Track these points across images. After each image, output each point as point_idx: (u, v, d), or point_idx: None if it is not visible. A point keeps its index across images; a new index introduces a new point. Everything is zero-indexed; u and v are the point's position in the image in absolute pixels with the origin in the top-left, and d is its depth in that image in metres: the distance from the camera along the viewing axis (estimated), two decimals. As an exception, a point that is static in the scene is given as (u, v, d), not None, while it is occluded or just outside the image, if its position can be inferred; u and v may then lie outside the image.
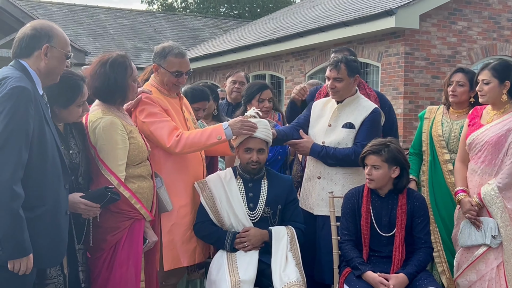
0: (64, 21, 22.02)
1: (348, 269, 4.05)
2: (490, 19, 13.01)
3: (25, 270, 2.84)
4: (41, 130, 2.96)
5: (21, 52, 3.08)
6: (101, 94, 3.77)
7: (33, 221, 2.88)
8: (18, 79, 2.90)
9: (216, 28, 25.80)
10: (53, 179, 3.03)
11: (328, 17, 14.73)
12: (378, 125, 4.53)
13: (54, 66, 3.12)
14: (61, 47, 3.13)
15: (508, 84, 4.10)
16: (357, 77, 4.49)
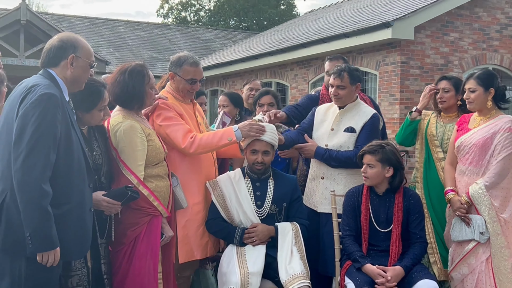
0: (86, 33, 22.08)
1: (348, 262, 4.05)
2: (480, 30, 12.99)
3: (52, 262, 2.86)
4: (67, 134, 2.97)
5: (49, 61, 3.10)
6: (121, 100, 3.78)
7: (60, 217, 2.89)
8: (46, 87, 2.93)
9: (226, 39, 25.84)
10: (79, 179, 3.05)
11: (329, 29, 14.73)
12: (377, 129, 4.55)
13: (79, 75, 3.14)
14: (85, 57, 3.15)
15: (493, 91, 4.11)
16: (359, 85, 4.49)
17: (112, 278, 3.67)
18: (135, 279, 3.65)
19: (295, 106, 4.92)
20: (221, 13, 39.60)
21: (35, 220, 2.77)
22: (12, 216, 2.83)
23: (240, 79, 17.39)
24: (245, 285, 3.85)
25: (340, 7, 19.52)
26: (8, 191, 2.83)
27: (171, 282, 3.91)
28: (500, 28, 13.23)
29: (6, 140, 2.90)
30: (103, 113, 3.57)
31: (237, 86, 17.13)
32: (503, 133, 4.02)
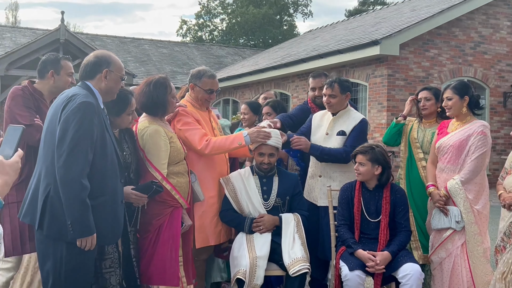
0: (116, 50, 22.18)
1: (343, 248, 4.04)
2: (456, 47, 12.97)
3: (90, 246, 2.89)
4: (102, 136, 2.99)
5: (86, 75, 3.12)
6: (147, 108, 3.79)
7: (96, 207, 2.92)
8: (85, 96, 2.96)
9: (236, 56, 25.88)
10: (112, 175, 3.07)
11: (326, 46, 14.74)
12: (364, 132, 4.53)
13: (112, 86, 3.16)
14: (117, 71, 3.17)
15: (467, 98, 4.12)
16: (348, 94, 4.47)
17: (140, 261, 3.68)
18: (159, 262, 3.66)
19: (288, 115, 4.87)
20: (232, 33, 39.68)
21: (76, 210, 2.81)
22: (56, 207, 2.86)
23: (248, 90, 17.41)
24: (254, 267, 3.85)
25: (335, 27, 19.53)
26: (52, 185, 2.85)
27: (189, 264, 3.91)
28: (474, 45, 13.21)
29: (50, 142, 2.93)
30: (131, 117, 3.59)
31: (246, 95, 17.15)
32: (476, 136, 4.03)
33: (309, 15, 42.28)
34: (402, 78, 12.16)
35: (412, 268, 3.77)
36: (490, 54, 13.36)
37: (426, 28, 12.31)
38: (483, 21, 13.28)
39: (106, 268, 3.38)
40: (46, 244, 2.94)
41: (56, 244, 2.90)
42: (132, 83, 15.77)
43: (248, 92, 17.45)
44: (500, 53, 13.50)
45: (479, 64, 13.19)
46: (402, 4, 17.69)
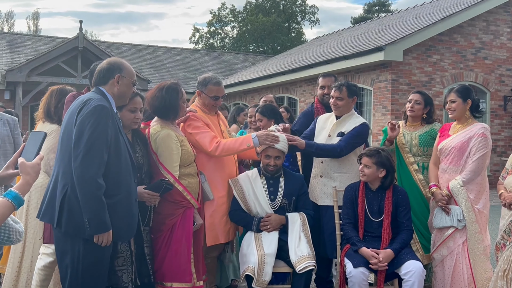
0: (132, 57, 22.30)
1: (347, 246, 4.04)
2: (458, 53, 12.91)
3: (106, 242, 2.91)
4: (116, 138, 3.01)
5: (99, 80, 3.15)
6: (159, 112, 3.80)
7: (112, 205, 2.94)
8: (99, 100, 2.98)
9: (246, 62, 25.91)
10: (126, 174, 3.08)
11: (332, 52, 14.72)
12: (362, 133, 4.41)
13: (124, 91, 3.17)
14: (129, 76, 3.18)
15: (470, 102, 4.10)
16: (355, 98, 4.46)
17: (154, 259, 3.69)
18: (172, 260, 3.67)
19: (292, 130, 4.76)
20: (242, 40, 39.74)
21: (92, 208, 2.82)
22: (73, 205, 2.87)
23: (258, 94, 17.43)
24: (262, 264, 3.86)
25: (340, 34, 19.50)
26: (69, 185, 2.87)
27: (200, 262, 3.92)
28: (474, 51, 13.14)
29: (66, 144, 2.95)
30: (134, 115, 3.57)
31: (255, 100, 17.18)
32: (477, 138, 4.02)
33: (316, 22, 42.28)
34: (405, 82, 12.12)
35: (415, 265, 3.76)
36: (491, 59, 13.28)
37: (428, 34, 12.26)
38: (484, 27, 13.21)
39: (118, 266, 3.39)
40: (64, 241, 2.96)
41: (74, 241, 2.92)
42: (147, 88, 15.83)
43: (258, 96, 17.47)
44: (500, 58, 13.42)
45: (480, 69, 13.11)
46: (405, 12, 17.63)
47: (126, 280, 3.39)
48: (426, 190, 4.34)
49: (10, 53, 19.81)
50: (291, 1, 40.87)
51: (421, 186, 4.38)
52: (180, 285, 3.67)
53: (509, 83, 13.52)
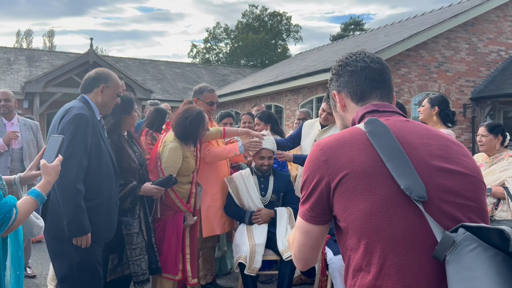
0: (137, 70, 22.20)
1: (328, 236, 4.03)
2: (423, 66, 13.00)
3: (85, 244, 2.76)
4: (97, 144, 2.85)
5: (85, 88, 2.98)
6: (180, 137, 3.71)
7: (92, 208, 2.79)
8: (79, 108, 2.81)
9: (238, 74, 25.91)
10: (107, 179, 2.92)
11: (313, 66, 14.76)
12: None
13: (107, 101, 2.98)
14: (113, 88, 3.00)
15: (437, 109, 4.08)
16: None
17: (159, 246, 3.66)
18: (164, 254, 3.63)
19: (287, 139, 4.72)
20: (235, 55, 39.74)
21: (71, 212, 2.66)
22: (55, 208, 2.73)
23: (248, 103, 17.42)
24: (253, 253, 3.85)
25: (321, 50, 19.56)
26: (52, 190, 2.71)
27: (195, 262, 3.87)
28: (438, 64, 13.24)
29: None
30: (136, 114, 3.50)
31: (246, 108, 17.17)
32: None
33: (300, 39, 42.38)
34: (377, 92, 12.19)
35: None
36: (452, 72, 13.39)
37: (397, 50, 12.34)
38: (446, 44, 13.32)
39: (136, 256, 3.34)
40: (50, 242, 2.81)
41: (60, 243, 2.76)
42: (150, 97, 15.75)
43: (248, 105, 17.45)
44: (460, 71, 13.54)
45: (442, 80, 13.21)
46: (377, 31, 17.73)
47: (144, 267, 3.37)
48: None
49: (29, 67, 19.65)
50: (277, 21, 40.94)
51: None
52: (168, 276, 3.64)
53: (467, 92, 13.65)
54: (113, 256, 3.37)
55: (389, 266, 1.20)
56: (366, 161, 1.26)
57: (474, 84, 13.82)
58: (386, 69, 1.48)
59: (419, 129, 1.36)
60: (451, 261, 1.12)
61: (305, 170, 1.36)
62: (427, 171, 1.26)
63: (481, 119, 13.45)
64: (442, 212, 1.22)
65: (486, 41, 13.78)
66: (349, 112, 1.48)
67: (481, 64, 13.76)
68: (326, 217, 1.35)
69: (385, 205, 1.22)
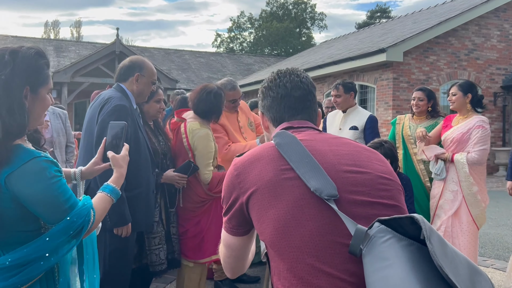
0: (162, 60, 22.35)
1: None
2: (452, 54, 12.71)
3: (126, 234, 2.77)
4: (135, 134, 2.85)
5: (120, 77, 2.96)
6: (205, 114, 3.59)
7: (132, 198, 2.79)
8: (119, 99, 2.80)
9: (262, 63, 25.82)
10: (145, 168, 2.92)
11: (339, 54, 14.59)
12: (376, 127, 4.47)
13: (142, 89, 2.96)
14: (148, 76, 2.97)
15: (470, 96, 3.99)
16: (352, 93, 4.47)
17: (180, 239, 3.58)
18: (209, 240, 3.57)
19: None
20: (259, 44, 39.61)
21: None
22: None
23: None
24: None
25: (346, 38, 19.32)
26: (92, 179, 2.67)
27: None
28: (467, 52, 12.93)
29: (89, 140, 2.81)
30: (159, 106, 3.41)
31: (271, 97, 17.16)
32: (477, 129, 3.88)
33: (324, 27, 41.93)
34: (405, 81, 11.97)
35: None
36: (482, 59, 13.05)
37: (426, 37, 12.08)
38: (476, 31, 12.98)
39: (155, 245, 3.31)
40: None
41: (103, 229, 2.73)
42: (175, 87, 15.85)
43: (273, 94, 17.43)
44: (490, 58, 13.19)
45: (472, 69, 12.90)
46: (405, 18, 17.38)
47: (163, 257, 3.34)
48: (426, 179, 4.26)
49: (57, 57, 19.98)
50: (302, 9, 40.56)
51: (422, 175, 4.28)
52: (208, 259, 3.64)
53: (498, 80, 13.29)
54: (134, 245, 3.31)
55: (299, 269, 1.20)
56: (272, 170, 1.29)
57: (505, 72, 13.45)
58: (308, 95, 1.50)
59: (329, 138, 1.40)
60: (366, 254, 1.13)
61: (224, 185, 1.41)
62: (336, 173, 1.28)
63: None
64: (355, 211, 1.23)
65: (518, 27, 13.37)
66: (271, 132, 1.52)
67: (513, 51, 13.38)
68: (242, 229, 1.40)
69: (291, 209, 1.23)
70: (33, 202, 1.52)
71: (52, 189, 1.53)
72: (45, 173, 1.53)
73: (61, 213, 1.56)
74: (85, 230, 1.63)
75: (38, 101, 1.62)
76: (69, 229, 1.57)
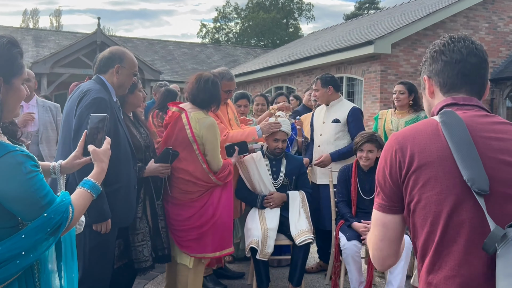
0: (145, 51, 22.15)
1: (342, 221, 4.03)
2: (440, 46, 12.80)
3: (105, 230, 2.75)
4: (115, 128, 2.81)
5: (100, 69, 2.92)
6: (204, 103, 3.55)
7: (111, 193, 2.77)
8: (98, 91, 2.76)
9: (248, 55, 25.75)
10: (125, 163, 2.89)
11: (326, 45, 14.61)
12: (359, 119, 4.49)
13: (123, 81, 2.93)
14: (129, 67, 2.94)
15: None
16: (330, 87, 4.52)
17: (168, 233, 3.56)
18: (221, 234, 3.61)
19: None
20: (245, 34, 39.47)
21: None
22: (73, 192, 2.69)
23: (259, 85, 17.35)
24: (265, 237, 3.86)
25: (334, 29, 19.34)
26: (70, 174, 2.61)
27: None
28: (456, 44, 13.03)
29: (67, 134, 2.77)
30: (142, 94, 3.40)
31: (257, 89, 17.11)
32: None
33: (312, 18, 41.94)
34: (393, 73, 12.04)
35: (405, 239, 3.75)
36: (470, 52, 13.19)
37: (414, 29, 12.15)
38: (464, 23, 13.10)
39: (139, 242, 3.28)
40: None
41: None
42: (159, 79, 15.74)
43: (259, 86, 17.38)
44: (479, 51, 13.34)
45: (460, 61, 13.04)
46: (393, 9, 17.46)
47: (146, 254, 3.29)
48: None
49: (36, 47, 19.69)
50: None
51: None
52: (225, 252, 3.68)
53: (486, 73, 13.47)
54: (119, 242, 3.28)
55: (446, 255, 1.26)
56: (435, 151, 1.30)
57: (493, 65, 13.60)
58: (483, 63, 1.45)
59: (495, 124, 1.36)
60: (501, 255, 1.14)
61: (381, 159, 1.43)
62: (495, 165, 1.27)
63: (500, 101, 13.28)
64: (504, 208, 1.23)
65: (507, 20, 13.53)
66: (436, 99, 1.49)
67: (501, 44, 13.53)
68: (400, 205, 1.39)
69: (449, 196, 1.26)
70: (8, 198, 1.49)
71: (28, 185, 1.50)
72: (21, 168, 1.50)
73: (38, 210, 1.53)
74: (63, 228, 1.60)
75: (12, 92, 1.60)
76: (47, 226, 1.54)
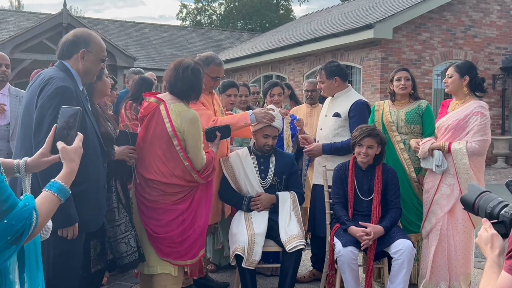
0: (117, 34, 22.00)
1: (337, 225, 4.04)
2: (447, 31, 12.90)
3: (72, 235, 2.72)
4: (82, 122, 2.71)
5: (63, 54, 2.87)
6: (183, 93, 3.53)
7: (79, 194, 2.70)
8: (61, 79, 2.70)
9: (234, 39, 25.70)
10: (94, 160, 2.85)
11: (321, 30, 14.64)
12: (362, 114, 4.41)
13: (90, 67, 2.88)
14: (96, 52, 2.89)
15: (467, 78, 4.02)
16: (336, 78, 4.44)
17: None
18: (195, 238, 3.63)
19: None
20: (230, 17, 39.38)
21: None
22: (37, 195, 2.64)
23: (246, 73, 17.34)
24: (252, 243, 3.85)
25: (330, 12, 19.39)
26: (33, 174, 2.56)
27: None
28: (464, 29, 13.14)
29: (27, 128, 2.71)
30: (110, 81, 3.41)
31: (244, 78, 17.10)
32: (475, 117, 3.90)
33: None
34: (395, 61, 12.11)
35: (404, 244, 3.77)
36: (480, 37, 13.29)
37: (418, 12, 12.22)
38: (474, 5, 13.19)
39: (122, 233, 3.29)
40: None
41: None
42: (133, 65, 15.65)
43: (246, 74, 17.37)
44: (489, 36, 13.44)
45: (469, 47, 13.13)
46: (395, -11, 17.53)
47: (133, 244, 3.32)
48: (411, 170, 4.33)
49: (-8, 30, 19.47)
50: (280, -22, 40.46)
51: (406, 165, 4.35)
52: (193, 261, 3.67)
53: (498, 61, 13.57)
54: (95, 243, 3.29)
55: None
56: None
57: (505, 52, 13.73)
58: None
59: None
60: None
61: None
62: None
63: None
64: None
65: (520, 2, 13.66)
66: None
67: (514, 28, 13.67)
68: None
69: None
70: None
71: None
72: None
73: None
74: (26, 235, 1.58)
75: None
76: (7, 234, 1.53)
